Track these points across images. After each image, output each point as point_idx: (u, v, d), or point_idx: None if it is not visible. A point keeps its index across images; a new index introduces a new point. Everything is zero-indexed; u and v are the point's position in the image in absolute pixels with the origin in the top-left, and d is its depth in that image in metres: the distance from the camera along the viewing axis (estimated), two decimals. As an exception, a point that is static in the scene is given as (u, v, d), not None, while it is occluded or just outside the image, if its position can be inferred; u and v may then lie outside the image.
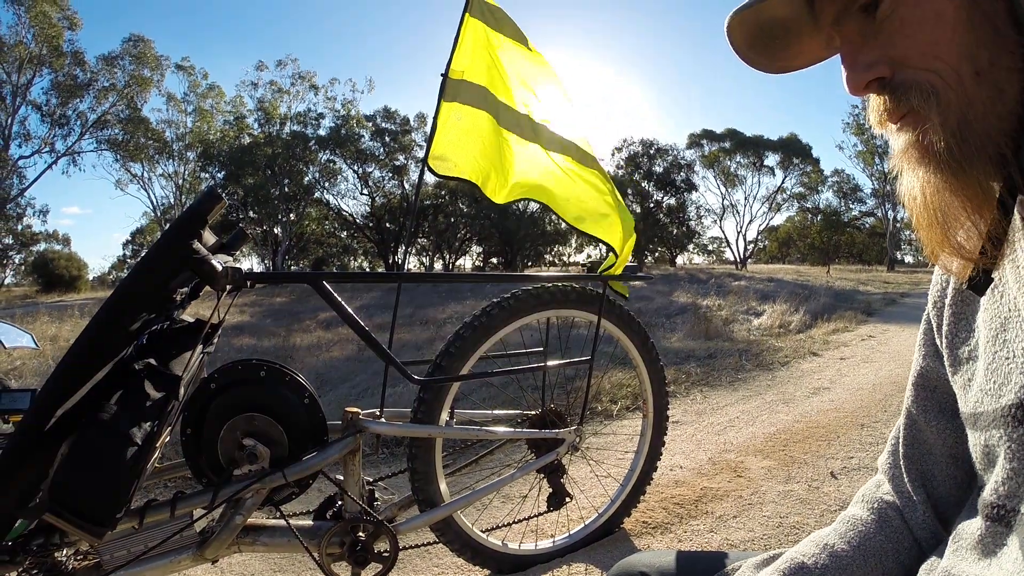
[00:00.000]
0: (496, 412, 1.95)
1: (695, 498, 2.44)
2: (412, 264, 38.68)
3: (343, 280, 1.89)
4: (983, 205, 0.52)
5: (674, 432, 3.36)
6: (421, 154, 30.38)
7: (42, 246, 35.01)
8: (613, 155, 39.07)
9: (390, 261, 31.01)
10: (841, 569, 0.74)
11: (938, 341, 0.74)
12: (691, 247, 43.86)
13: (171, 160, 29.51)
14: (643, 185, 36.97)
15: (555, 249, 43.93)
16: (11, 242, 33.92)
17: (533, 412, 1.92)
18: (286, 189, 26.82)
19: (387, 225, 30.64)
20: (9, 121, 25.32)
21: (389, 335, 1.86)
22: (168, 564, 1.39)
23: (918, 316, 1.03)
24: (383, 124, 29.79)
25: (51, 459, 1.17)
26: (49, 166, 26.58)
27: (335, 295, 1.56)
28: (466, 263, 43.43)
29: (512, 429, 1.86)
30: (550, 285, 1.85)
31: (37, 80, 25.60)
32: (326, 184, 28.44)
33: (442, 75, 1.82)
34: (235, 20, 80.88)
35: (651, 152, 37.33)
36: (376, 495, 1.65)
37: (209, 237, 1.45)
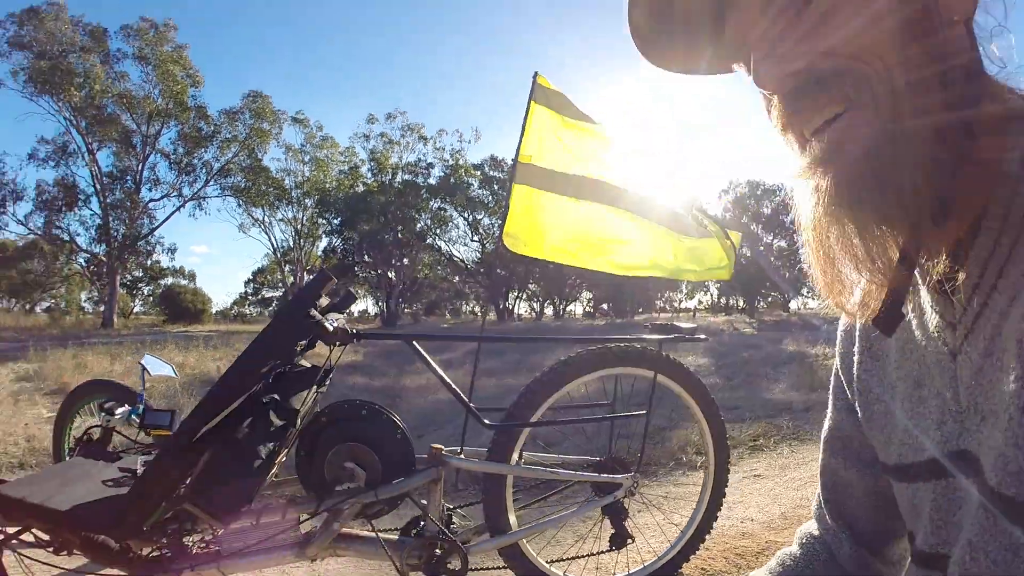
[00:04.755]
0: (564, 457, 2.17)
1: (758, 550, 2.54)
2: (523, 310, 39.18)
3: (431, 340, 2.19)
4: (897, 231, 0.49)
5: (753, 486, 3.43)
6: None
7: (169, 280, 38.24)
8: (720, 197, 38.42)
9: (500, 306, 31.65)
10: None
11: (849, 395, 0.77)
12: (804, 291, 42.16)
13: (290, 206, 31.62)
14: (752, 227, 36.03)
15: (666, 294, 43.41)
16: (141, 275, 37.18)
17: (596, 458, 2.14)
18: (399, 235, 28.10)
19: (498, 271, 31.41)
20: (140, 167, 28.00)
21: (470, 385, 2.14)
22: (275, 557, 1.72)
23: None
24: (490, 172, 30.81)
25: (194, 464, 1.53)
26: (176, 209, 29.11)
27: (423, 353, 1.88)
28: (577, 309, 43.55)
29: (574, 471, 2.08)
30: (614, 346, 2.08)
31: (164, 131, 28.25)
32: (437, 231, 29.65)
33: (512, 161, 2.11)
34: (346, 76, 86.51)
35: (758, 193, 36.47)
36: (454, 520, 1.92)
37: (324, 300, 1.81)
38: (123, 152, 27.41)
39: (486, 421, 1.93)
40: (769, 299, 40.70)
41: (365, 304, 42.87)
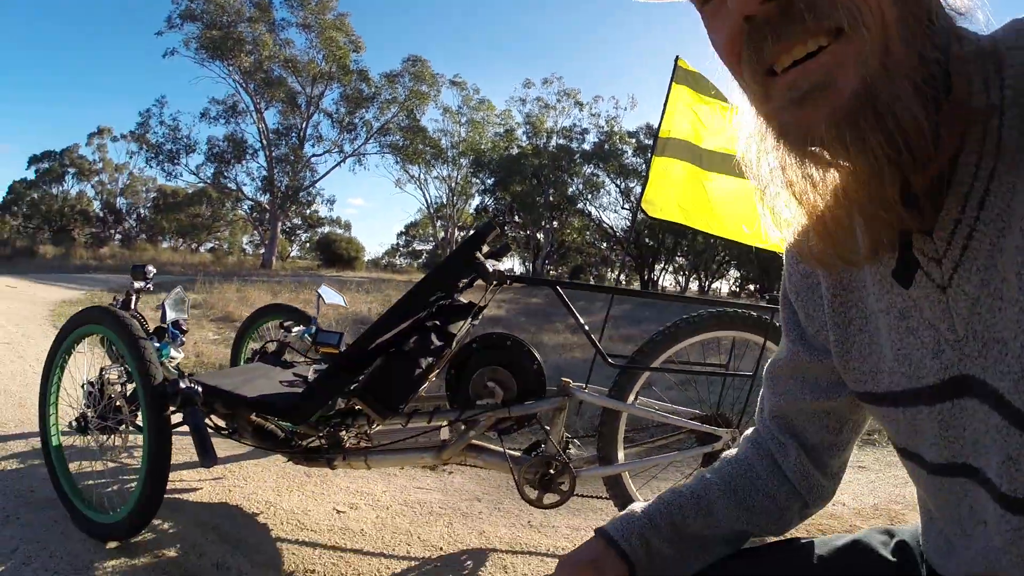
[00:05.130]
0: (675, 407, 2.42)
1: (840, 530, 2.65)
2: (668, 282, 38.53)
3: (572, 287, 2.49)
4: (918, 164, 0.48)
5: (855, 475, 3.45)
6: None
7: (326, 229, 40.68)
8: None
9: (645, 277, 31.35)
10: (706, 490, 0.88)
11: (807, 328, 0.80)
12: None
13: (445, 165, 32.60)
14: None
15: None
16: (299, 222, 39.87)
17: (703, 413, 2.37)
18: (550, 198, 28.45)
19: (646, 240, 31.07)
20: (304, 125, 29.78)
21: (601, 331, 2.43)
22: (415, 457, 2.12)
23: None
24: (646, 140, 30.33)
25: (363, 369, 1.95)
26: (337, 164, 30.84)
27: (566, 299, 2.20)
28: (722, 287, 42.20)
29: (681, 419, 2.32)
30: (731, 310, 2.29)
31: (328, 93, 29.82)
32: (589, 196, 29.70)
33: (653, 136, 2.34)
34: (503, 42, 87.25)
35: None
36: (570, 447, 2.24)
37: (485, 248, 2.17)
38: (288, 111, 29.48)
39: (611, 361, 2.23)
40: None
41: (512, 263, 43.90)
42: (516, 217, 29.68)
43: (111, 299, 2.57)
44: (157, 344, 2.05)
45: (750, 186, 2.01)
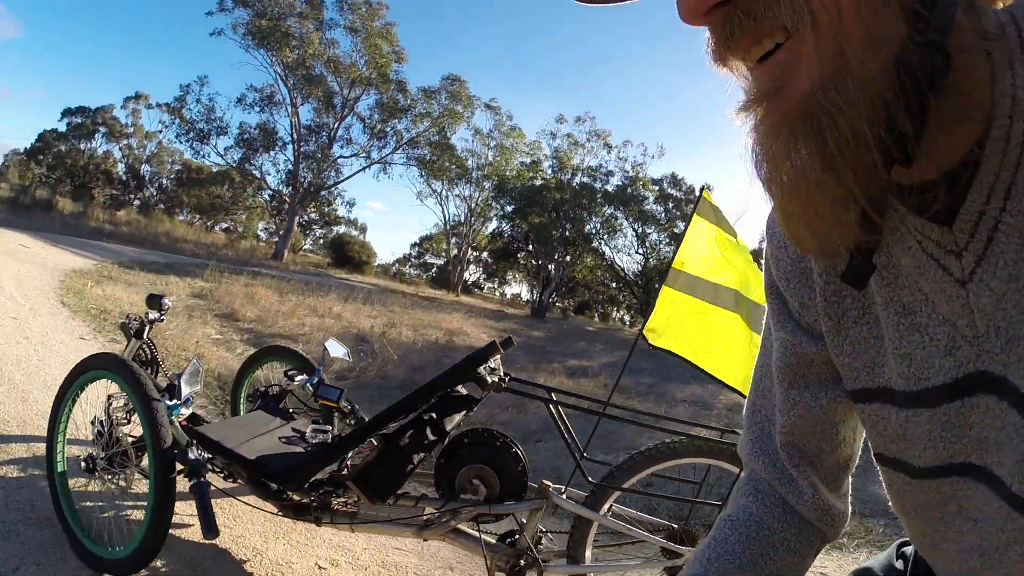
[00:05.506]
0: (646, 517, 2.53)
1: None
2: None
3: (566, 398, 2.62)
4: (860, 175, 0.44)
5: None
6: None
7: (341, 228, 41.16)
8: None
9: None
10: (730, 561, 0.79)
11: (800, 317, 0.74)
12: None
13: (468, 185, 33.08)
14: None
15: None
16: (317, 218, 40.36)
17: (674, 525, 2.49)
18: (567, 233, 28.71)
19: (656, 285, 31.20)
20: (336, 125, 30.27)
21: (588, 439, 2.55)
22: (398, 530, 2.27)
23: None
24: (668, 190, 30.55)
25: (361, 452, 2.11)
26: (363, 168, 31.39)
27: (555, 415, 2.35)
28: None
29: (648, 534, 2.42)
30: (711, 440, 2.41)
31: (364, 98, 30.29)
32: (605, 236, 29.92)
33: (667, 264, 2.45)
34: (544, 73, 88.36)
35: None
36: (542, 540, 2.37)
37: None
38: (323, 109, 29.93)
39: (590, 479, 2.36)
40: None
41: (520, 289, 44.14)
42: (530, 246, 29.88)
43: (124, 318, 2.70)
44: (169, 403, 2.20)
45: (747, 328, 2.13)
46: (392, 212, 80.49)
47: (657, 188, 29.80)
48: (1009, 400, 0.53)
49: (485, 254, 37.87)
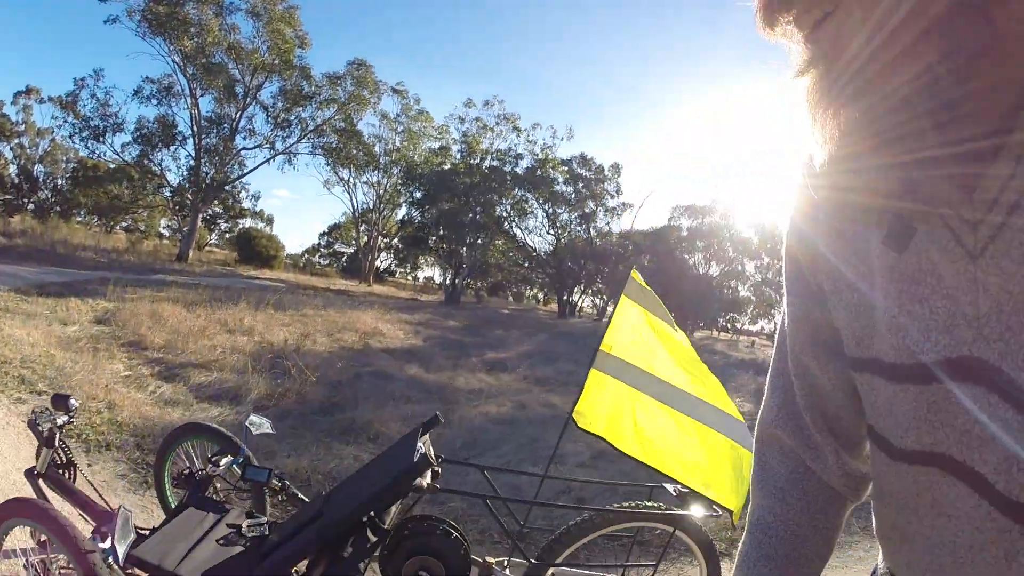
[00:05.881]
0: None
1: None
2: (586, 305, 39.35)
3: (497, 471, 2.62)
4: (908, 140, 0.45)
5: None
6: (610, 203, 30.66)
7: (247, 221, 39.96)
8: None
9: (564, 298, 32.01)
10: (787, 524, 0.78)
11: (810, 279, 0.72)
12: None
13: (376, 171, 32.73)
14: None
15: (729, 316, 42.84)
16: (221, 211, 39.03)
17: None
18: (478, 217, 28.73)
19: (568, 264, 31.73)
20: (238, 116, 29.25)
21: (525, 518, 2.56)
22: None
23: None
24: (578, 170, 31.04)
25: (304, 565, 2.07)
26: (267, 160, 30.43)
27: (492, 483, 2.35)
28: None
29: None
30: (641, 507, 2.44)
31: (267, 85, 29.33)
32: (516, 218, 30.17)
33: (595, 349, 2.43)
34: (451, 57, 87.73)
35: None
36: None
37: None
38: (224, 100, 28.74)
39: (529, 560, 2.39)
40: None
41: (432, 272, 43.92)
42: (441, 231, 29.78)
43: (32, 414, 2.50)
44: (103, 546, 2.06)
45: (677, 418, 2.17)
46: (299, 200, 78.33)
47: (567, 169, 30.16)
48: (1000, 393, 0.51)
49: (396, 241, 37.47)
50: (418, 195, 30.79)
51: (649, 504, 2.49)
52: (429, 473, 2.30)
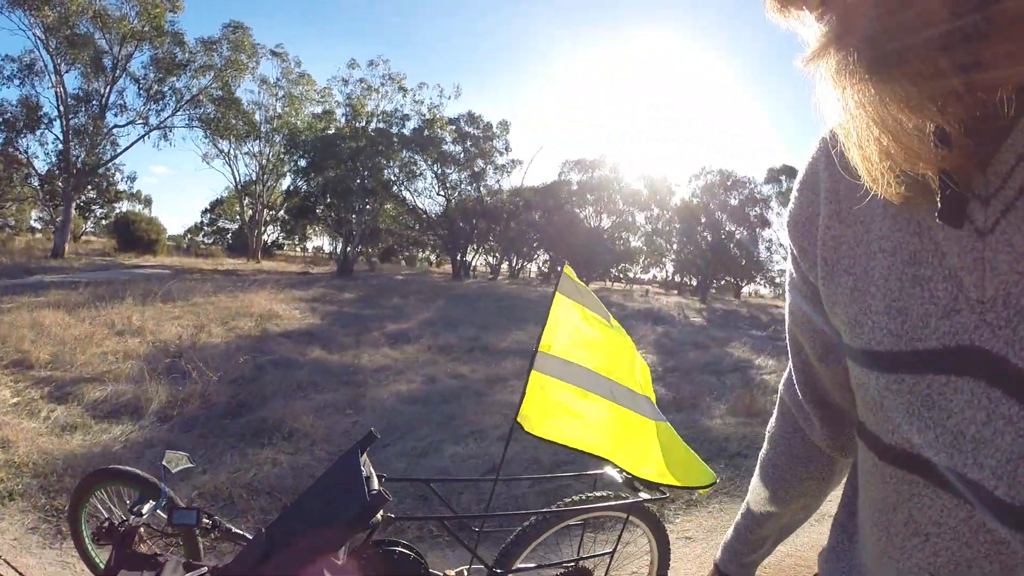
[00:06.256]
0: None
1: None
2: (479, 263, 39.45)
3: (447, 481, 2.43)
4: (939, 102, 0.42)
5: (683, 550, 3.59)
6: (500, 161, 30.65)
7: (124, 204, 37.55)
8: (690, 182, 39.24)
9: (457, 259, 31.89)
10: (761, 505, 0.97)
11: (811, 276, 0.69)
12: (758, 279, 43.53)
13: (257, 141, 31.14)
14: (717, 215, 36.89)
15: (622, 266, 44.20)
16: (95, 195, 36.29)
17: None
18: (366, 183, 27.90)
19: (460, 224, 31.54)
20: (108, 91, 27.12)
21: (480, 526, 2.37)
22: None
23: None
24: (466, 128, 30.69)
25: None
26: (141, 138, 28.32)
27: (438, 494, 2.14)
28: (532, 268, 44.02)
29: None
30: (591, 497, 2.38)
31: (137, 55, 27.25)
32: (404, 181, 29.56)
33: (533, 350, 2.28)
34: (332, 15, 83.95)
35: (728, 183, 37.21)
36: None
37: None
38: (92, 74, 26.38)
39: (489, 566, 2.23)
40: (722, 282, 41.86)
41: (321, 242, 42.59)
42: (328, 198, 28.73)
43: None
44: None
45: (620, 410, 2.06)
46: (178, 175, 73.56)
47: (454, 128, 29.78)
48: (1003, 387, 0.47)
49: (282, 212, 35.93)
50: (303, 163, 29.55)
51: (599, 495, 2.42)
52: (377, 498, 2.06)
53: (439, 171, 30.41)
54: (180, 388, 5.90)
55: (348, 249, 28.48)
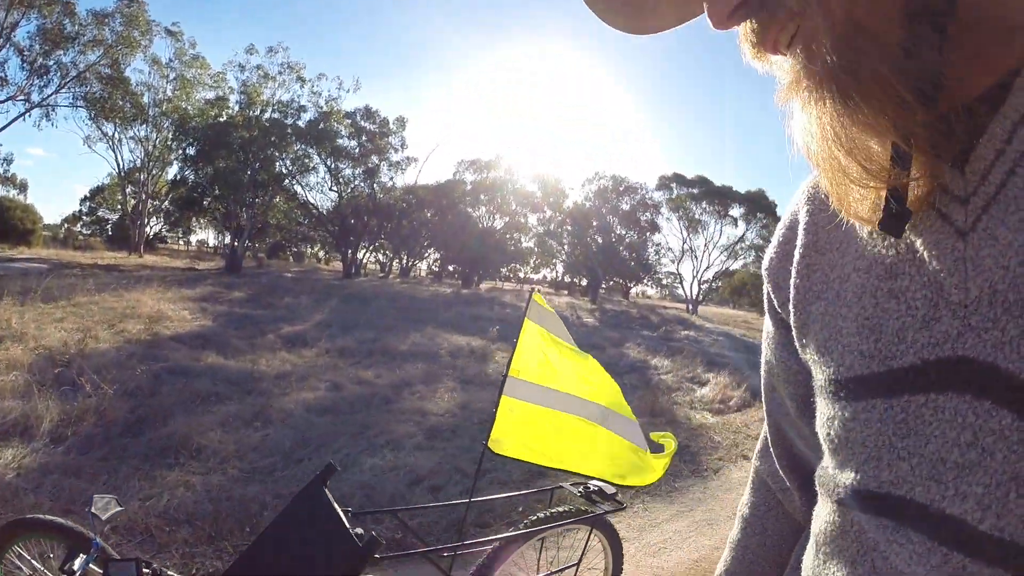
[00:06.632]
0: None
1: None
2: (370, 261, 38.74)
3: (414, 510, 2.35)
4: (895, 117, 0.43)
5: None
6: (395, 158, 30.19)
7: (-1, 189, 34.06)
8: (584, 186, 40.16)
9: (348, 256, 31.19)
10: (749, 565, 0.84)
11: (783, 313, 0.67)
12: (646, 280, 45.11)
13: (145, 125, 29.08)
14: (608, 219, 38.03)
15: (512, 266, 44.65)
16: (-35, 180, 32.96)
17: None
18: (257, 176, 26.71)
19: (351, 221, 30.87)
20: None
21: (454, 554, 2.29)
22: None
23: None
24: (362, 123, 30.06)
25: None
26: (21, 115, 25.84)
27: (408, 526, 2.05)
28: (423, 267, 43.69)
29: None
30: (552, 513, 2.40)
31: (23, 24, 24.75)
32: (297, 175, 28.57)
33: (503, 375, 2.33)
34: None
35: (620, 189, 38.43)
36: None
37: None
38: None
39: None
40: (611, 283, 43.11)
41: (206, 235, 40.47)
42: (216, 190, 27.21)
43: None
44: None
45: (585, 426, 2.12)
46: (56, 159, 67.23)
47: (351, 122, 29.09)
48: (993, 397, 0.43)
49: (167, 203, 33.77)
50: (191, 151, 27.90)
51: (561, 509, 2.46)
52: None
53: (333, 166, 29.60)
54: (72, 403, 5.34)
55: (237, 244, 27.14)
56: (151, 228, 35.98)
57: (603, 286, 41.16)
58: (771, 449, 0.79)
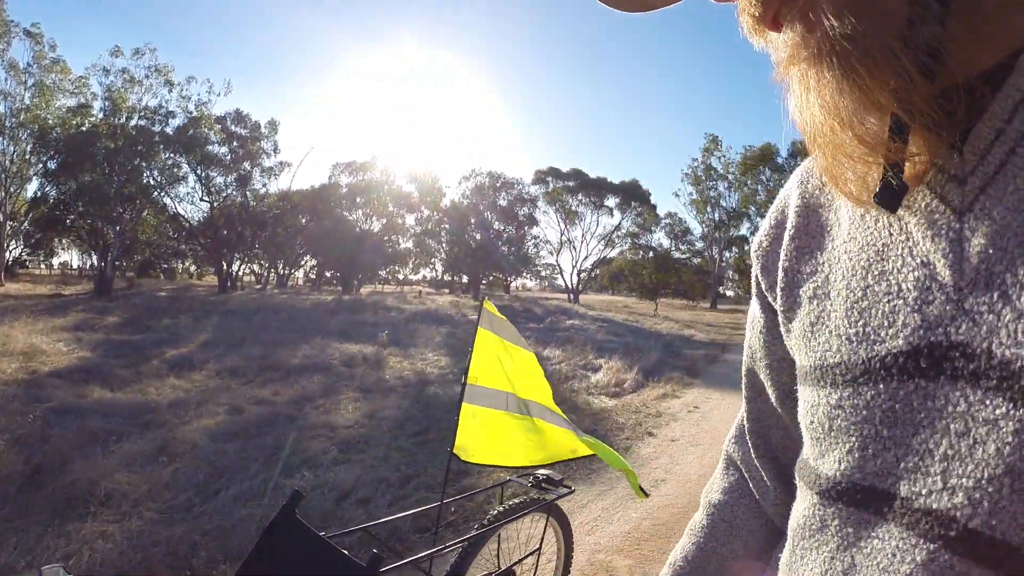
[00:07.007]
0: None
1: None
2: (245, 273, 37.17)
3: (388, 522, 2.44)
4: (898, 90, 0.41)
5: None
6: (267, 163, 29.08)
7: None
8: (460, 183, 40.40)
9: (223, 269, 29.81)
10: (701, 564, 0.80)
11: (770, 298, 0.65)
12: (525, 274, 45.86)
13: (1, 137, 26.55)
14: (486, 215, 38.44)
15: (391, 268, 44.18)
16: None
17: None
18: (124, 189, 24.95)
19: (224, 232, 29.53)
20: None
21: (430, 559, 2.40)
22: None
23: (737, 379, 1.06)
24: (233, 128, 28.79)
25: None
26: None
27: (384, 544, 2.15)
28: (299, 275, 42.43)
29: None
30: (517, 505, 2.55)
31: None
32: (166, 186, 26.96)
33: (462, 384, 2.47)
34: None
35: (497, 184, 38.94)
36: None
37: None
38: None
39: None
40: (491, 278, 43.56)
41: (69, 256, 37.34)
42: (80, 207, 25.08)
43: None
44: None
45: (539, 422, 2.37)
46: None
47: (221, 128, 27.76)
48: (987, 384, 0.40)
49: (27, 224, 30.79)
50: (52, 165, 25.76)
51: (517, 501, 2.59)
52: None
53: (203, 174, 28.18)
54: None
55: (104, 265, 25.21)
56: (10, 253, 32.72)
57: (484, 282, 41.57)
58: (747, 437, 0.76)
